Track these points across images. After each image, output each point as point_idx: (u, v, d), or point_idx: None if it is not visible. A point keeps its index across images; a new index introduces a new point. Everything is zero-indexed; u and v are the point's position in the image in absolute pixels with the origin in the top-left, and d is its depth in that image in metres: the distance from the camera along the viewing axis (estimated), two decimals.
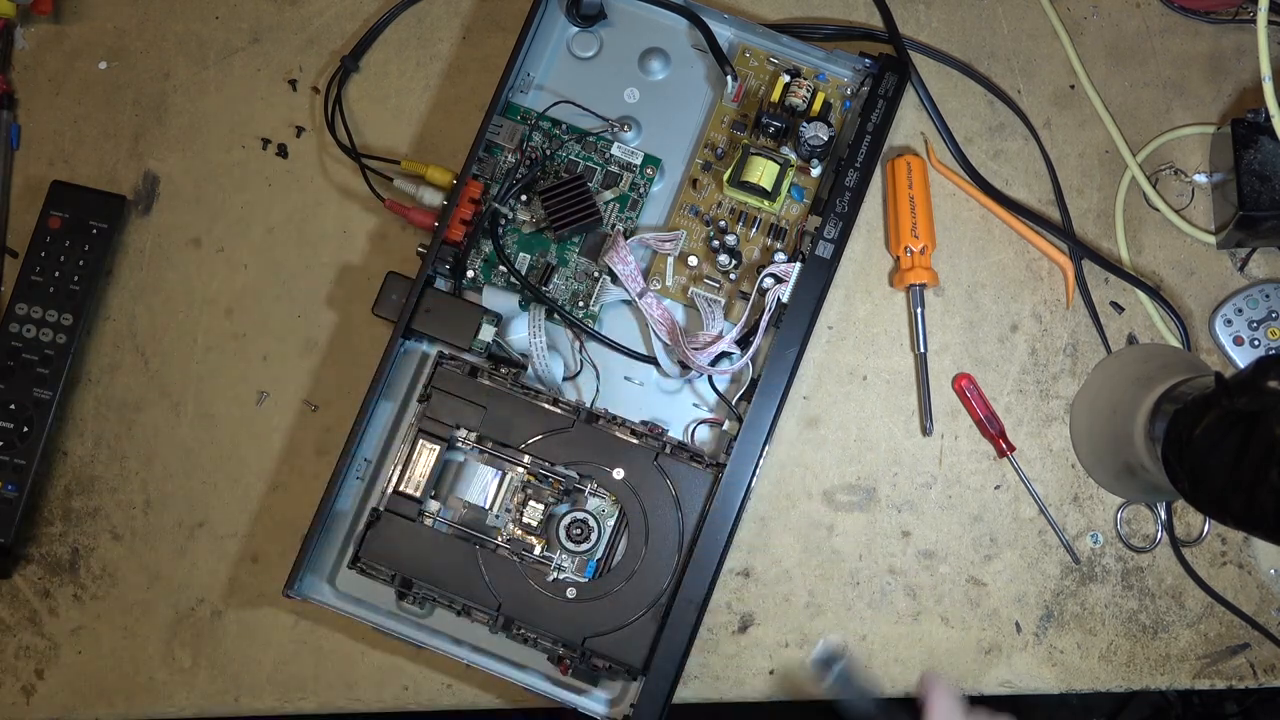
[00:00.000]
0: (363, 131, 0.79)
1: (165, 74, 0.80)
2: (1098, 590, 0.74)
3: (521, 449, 0.71)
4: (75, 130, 0.80)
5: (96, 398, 0.77)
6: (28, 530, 0.75)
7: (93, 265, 0.76)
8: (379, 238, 0.78)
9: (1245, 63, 0.79)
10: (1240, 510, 0.56)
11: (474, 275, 0.75)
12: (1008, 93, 0.79)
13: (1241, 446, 0.56)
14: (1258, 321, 0.75)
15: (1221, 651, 0.73)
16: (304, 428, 0.76)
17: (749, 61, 0.77)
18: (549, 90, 0.78)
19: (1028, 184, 0.78)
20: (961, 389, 0.75)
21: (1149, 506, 0.74)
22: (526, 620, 0.69)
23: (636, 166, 0.76)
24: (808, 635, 0.73)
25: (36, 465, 0.74)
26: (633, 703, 0.68)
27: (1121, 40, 0.79)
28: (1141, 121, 0.79)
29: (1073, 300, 0.76)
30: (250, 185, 0.79)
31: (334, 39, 0.80)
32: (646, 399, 0.75)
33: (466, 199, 0.73)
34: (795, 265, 0.72)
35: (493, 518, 0.71)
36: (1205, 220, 0.78)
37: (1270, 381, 0.55)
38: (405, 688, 0.73)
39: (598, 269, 0.75)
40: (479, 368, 0.72)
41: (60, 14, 0.81)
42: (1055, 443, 0.75)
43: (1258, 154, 0.72)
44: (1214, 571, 0.74)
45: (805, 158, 0.74)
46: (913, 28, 0.80)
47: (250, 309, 0.77)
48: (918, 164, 0.76)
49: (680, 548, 0.70)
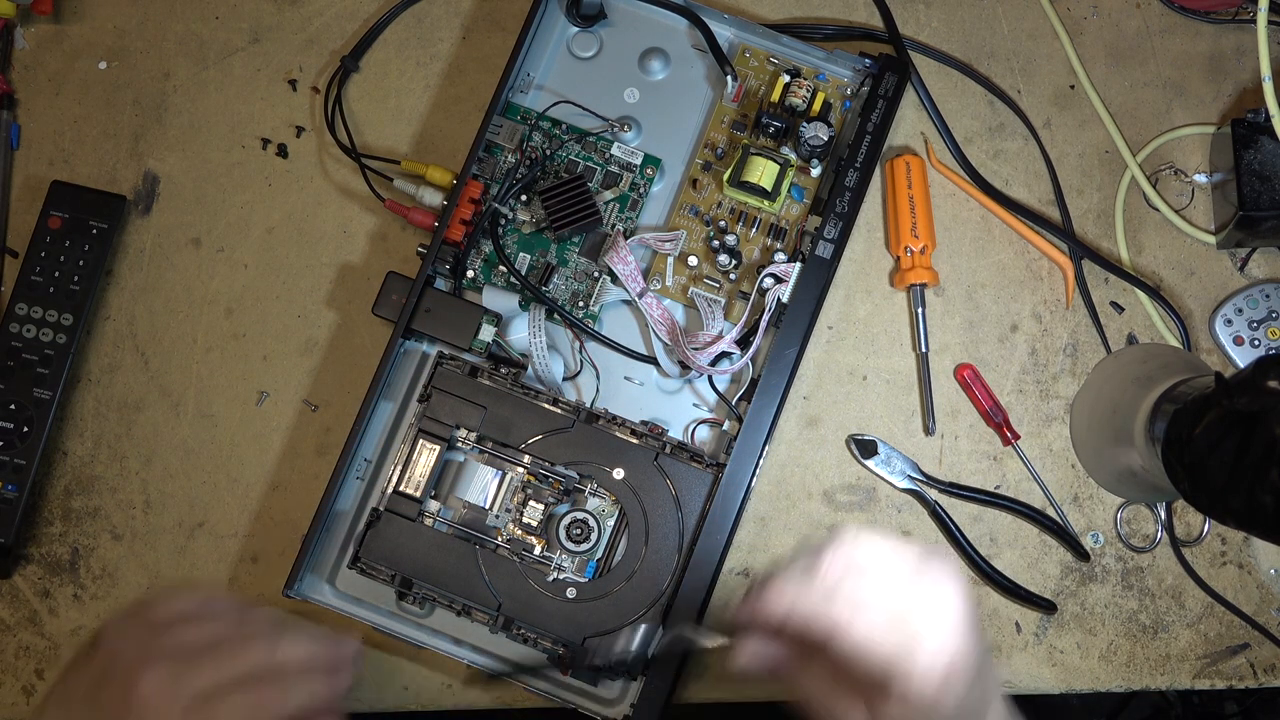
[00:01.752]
0: (363, 131, 0.79)
1: (165, 74, 0.80)
2: (1098, 590, 0.74)
3: (521, 449, 0.71)
4: (75, 130, 0.80)
5: (96, 398, 0.77)
6: (28, 530, 0.75)
7: (93, 265, 0.76)
8: (379, 238, 0.78)
9: (1245, 63, 0.79)
10: (1240, 510, 0.56)
11: (474, 275, 0.75)
12: (1008, 93, 0.79)
13: (1241, 446, 0.56)
14: (1258, 321, 0.75)
15: (1221, 651, 0.73)
16: (304, 428, 0.76)
17: (749, 61, 0.77)
18: (549, 90, 0.78)
19: (1028, 184, 0.78)
20: (964, 379, 0.75)
21: (1149, 506, 0.74)
22: (526, 620, 0.69)
23: (636, 166, 0.76)
24: None
25: (36, 465, 0.74)
26: (633, 703, 0.68)
27: (1121, 40, 0.79)
28: (1141, 121, 0.79)
29: (1073, 300, 0.76)
30: (250, 185, 0.79)
31: (334, 39, 0.80)
32: (646, 399, 0.75)
33: (466, 199, 0.73)
34: (795, 265, 0.72)
35: (493, 518, 0.71)
36: (1205, 220, 0.78)
37: (1270, 381, 0.55)
38: (405, 688, 0.73)
39: (598, 269, 0.75)
40: (479, 368, 0.72)
41: (60, 14, 0.81)
42: (1055, 443, 0.75)
43: (1258, 154, 0.72)
44: (1214, 571, 0.74)
45: (805, 158, 0.74)
46: (913, 28, 0.80)
47: (250, 309, 0.77)
48: (917, 164, 0.76)
49: (680, 548, 0.70)
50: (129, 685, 0.52)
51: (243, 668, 0.54)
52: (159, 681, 0.52)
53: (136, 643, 0.55)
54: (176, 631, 0.55)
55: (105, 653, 0.55)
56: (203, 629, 0.55)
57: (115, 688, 0.53)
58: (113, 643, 0.55)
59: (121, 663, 0.54)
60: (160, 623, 0.56)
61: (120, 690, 0.53)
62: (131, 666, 0.53)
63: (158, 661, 0.53)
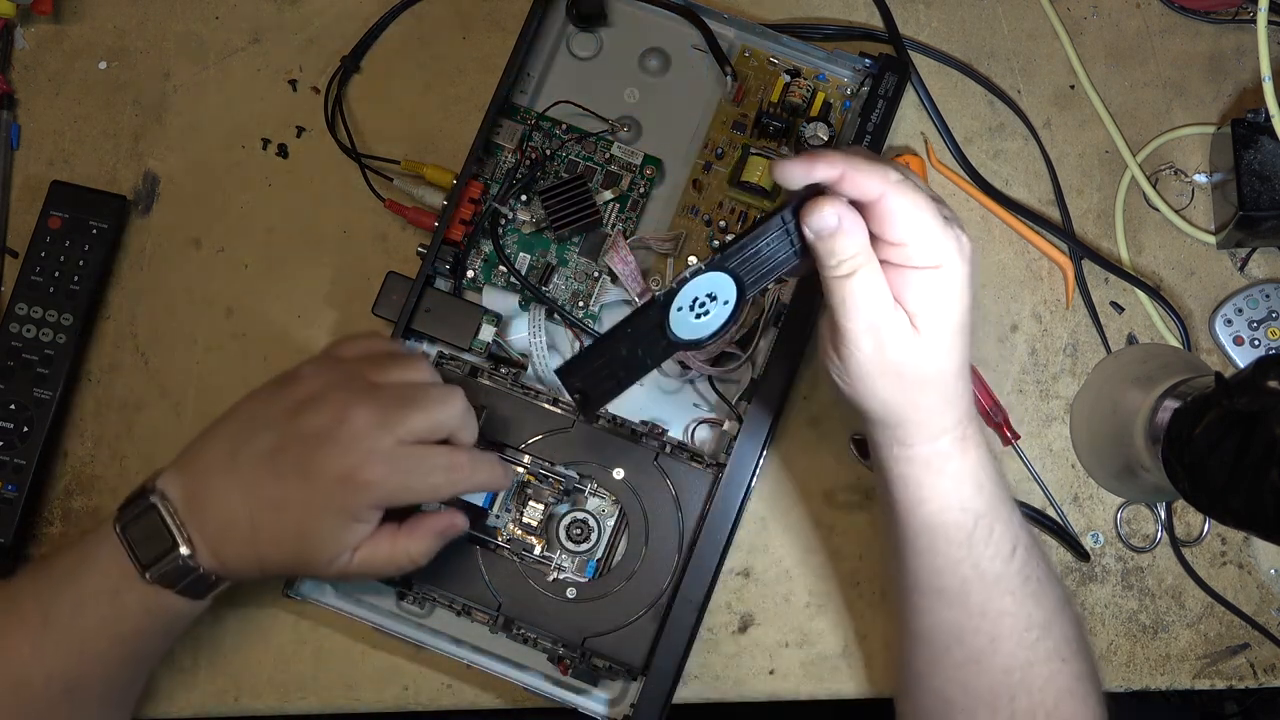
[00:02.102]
0: (363, 131, 0.79)
1: (165, 74, 0.80)
2: (1098, 590, 0.74)
3: (521, 449, 0.71)
4: (75, 130, 0.80)
5: (96, 398, 0.77)
6: (28, 530, 0.75)
7: (93, 265, 0.76)
8: (379, 238, 0.78)
9: (1245, 63, 0.79)
10: (1240, 510, 0.56)
11: (474, 275, 0.75)
12: (1008, 93, 0.79)
13: (1241, 446, 0.56)
14: (1258, 321, 0.75)
15: (1221, 651, 0.73)
16: None
17: (749, 61, 0.77)
18: (549, 90, 0.78)
19: (1028, 184, 0.78)
20: None
21: (1149, 506, 0.74)
22: (526, 620, 0.69)
23: (636, 167, 0.76)
24: (807, 635, 0.73)
25: (36, 465, 0.74)
26: (633, 703, 0.68)
27: (1121, 40, 0.79)
28: (1141, 121, 0.79)
29: (1073, 300, 0.76)
30: (250, 185, 0.79)
31: (334, 39, 0.80)
32: (646, 399, 0.75)
33: (466, 199, 0.73)
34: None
35: (493, 518, 0.71)
36: (1205, 220, 0.78)
37: (1270, 381, 0.55)
38: (405, 688, 0.73)
39: (598, 269, 0.75)
40: (479, 368, 0.72)
41: (60, 14, 0.81)
42: (1055, 443, 0.75)
43: (1258, 154, 0.72)
44: (1214, 571, 0.74)
45: None
46: (913, 28, 0.80)
47: (250, 309, 0.77)
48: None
49: (680, 548, 0.70)
50: (340, 416, 0.58)
51: (437, 416, 0.60)
52: (369, 416, 0.58)
53: (343, 379, 0.60)
54: (375, 374, 0.61)
55: (308, 384, 0.60)
56: (402, 375, 0.61)
57: (324, 415, 0.59)
58: (314, 377, 0.61)
59: (332, 396, 0.59)
60: (354, 361, 0.62)
61: (331, 418, 0.58)
62: (344, 400, 0.59)
63: (368, 399, 0.59)
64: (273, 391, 0.62)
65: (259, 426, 0.60)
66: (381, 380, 0.61)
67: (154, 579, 0.60)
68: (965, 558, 0.58)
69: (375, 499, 0.59)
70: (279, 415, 0.60)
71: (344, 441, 0.58)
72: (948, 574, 0.59)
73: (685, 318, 0.57)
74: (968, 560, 0.58)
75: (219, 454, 0.61)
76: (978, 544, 0.58)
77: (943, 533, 0.58)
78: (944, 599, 0.59)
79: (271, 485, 0.59)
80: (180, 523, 0.60)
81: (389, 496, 0.59)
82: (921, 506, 0.59)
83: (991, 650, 0.59)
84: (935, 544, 0.59)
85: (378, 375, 0.61)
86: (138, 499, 0.61)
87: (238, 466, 0.60)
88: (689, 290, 0.56)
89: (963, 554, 0.58)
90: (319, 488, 0.58)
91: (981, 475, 0.58)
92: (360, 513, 0.59)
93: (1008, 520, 0.59)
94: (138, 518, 0.60)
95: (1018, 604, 0.59)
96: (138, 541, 0.60)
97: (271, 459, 0.59)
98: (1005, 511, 0.59)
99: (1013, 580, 0.59)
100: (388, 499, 0.59)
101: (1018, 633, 0.59)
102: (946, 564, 0.59)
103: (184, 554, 0.60)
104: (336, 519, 0.59)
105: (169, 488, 0.61)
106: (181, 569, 0.60)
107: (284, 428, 0.59)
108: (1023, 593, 0.59)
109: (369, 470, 0.58)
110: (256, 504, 0.59)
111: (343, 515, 0.59)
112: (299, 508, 0.59)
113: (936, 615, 0.60)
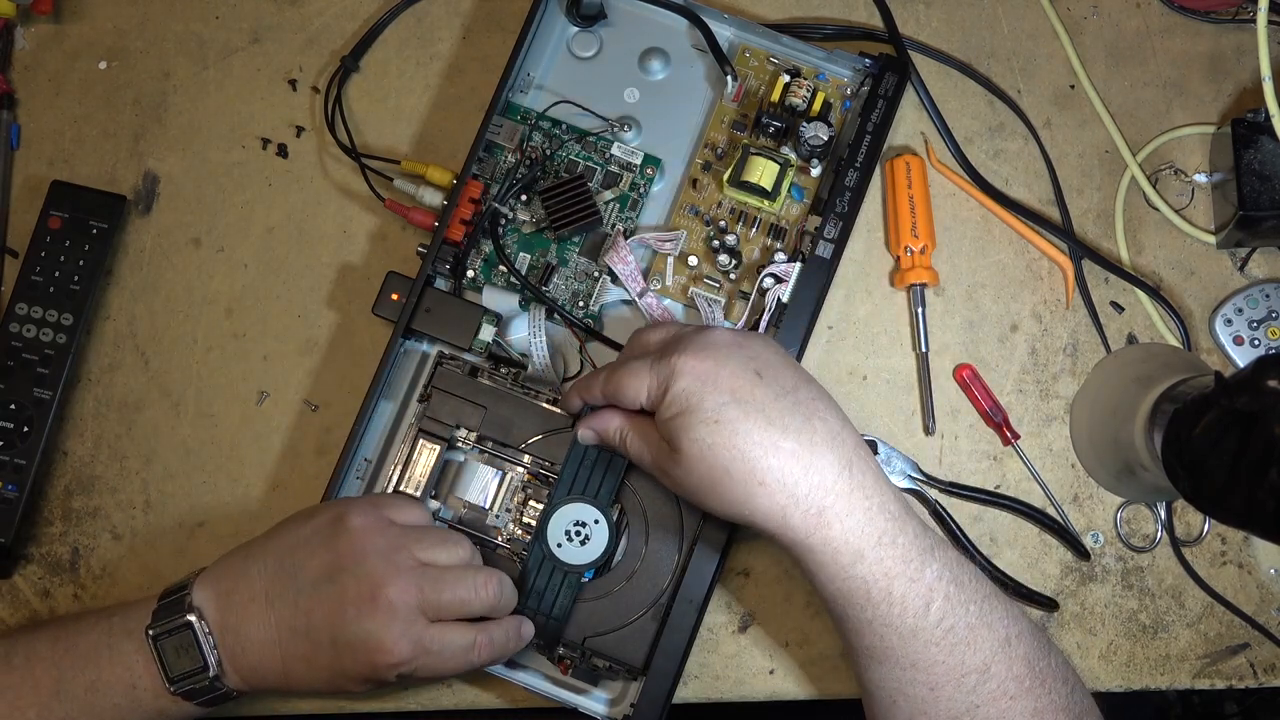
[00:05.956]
0: (363, 131, 0.79)
1: (165, 74, 0.80)
2: (1098, 590, 0.74)
3: (521, 449, 0.71)
4: (75, 130, 0.80)
5: (96, 398, 0.77)
6: (28, 530, 0.75)
7: (93, 265, 0.76)
8: (379, 238, 0.78)
9: (1245, 63, 0.79)
10: (1240, 510, 0.56)
11: (474, 275, 0.75)
12: (1008, 93, 0.79)
13: (1241, 446, 0.56)
14: (1258, 321, 0.75)
15: (1221, 651, 0.73)
16: (304, 428, 0.76)
17: (749, 61, 0.77)
18: (549, 90, 0.78)
19: (1028, 184, 0.78)
20: (964, 379, 0.75)
21: (1149, 506, 0.74)
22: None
23: (636, 166, 0.76)
24: (808, 635, 0.73)
25: (36, 465, 0.74)
26: (633, 703, 0.68)
27: (1121, 40, 0.79)
28: (1141, 121, 0.79)
29: (1073, 300, 0.76)
30: (250, 185, 0.79)
31: (334, 39, 0.80)
32: None
33: (466, 199, 0.73)
34: (795, 265, 0.72)
35: (493, 518, 0.71)
36: (1205, 220, 0.78)
37: (1270, 381, 0.55)
38: (405, 688, 0.73)
39: (598, 269, 0.75)
40: (479, 368, 0.72)
41: (60, 14, 0.81)
42: (1055, 443, 0.75)
43: (1258, 154, 0.72)
44: (1214, 571, 0.74)
45: (805, 158, 0.74)
46: (913, 28, 0.80)
47: (250, 309, 0.77)
48: (917, 164, 0.76)
49: (680, 548, 0.70)
50: (377, 588, 0.61)
51: (470, 600, 0.63)
52: (406, 596, 0.61)
53: (388, 548, 0.62)
54: (420, 550, 0.63)
55: (354, 542, 0.62)
56: (447, 557, 0.64)
57: (363, 584, 0.61)
58: (361, 535, 0.62)
59: (374, 564, 0.61)
60: (402, 530, 0.64)
61: (369, 588, 0.61)
62: (384, 574, 0.61)
63: (408, 577, 0.61)
64: (319, 531, 0.63)
65: (298, 570, 0.62)
66: (425, 558, 0.63)
67: (178, 692, 0.62)
68: (874, 618, 0.59)
69: (398, 673, 0.62)
70: (318, 570, 0.62)
71: (377, 617, 0.60)
72: (866, 634, 0.59)
73: (572, 549, 0.68)
74: (877, 620, 0.59)
75: (257, 588, 0.63)
76: (880, 605, 0.58)
77: (843, 599, 0.59)
78: (873, 656, 0.60)
79: (303, 642, 0.62)
80: (214, 645, 0.62)
81: (410, 672, 0.62)
82: (815, 579, 0.60)
83: (933, 699, 0.59)
84: (844, 610, 0.60)
85: (422, 552, 0.63)
86: (173, 608, 0.63)
87: (274, 608, 0.62)
88: (550, 533, 0.68)
89: (869, 615, 0.59)
90: (345, 656, 0.61)
91: (861, 542, 0.58)
92: (383, 679, 0.62)
93: (914, 577, 0.58)
94: (172, 632, 0.62)
95: (946, 653, 0.58)
96: (168, 654, 0.62)
97: (307, 615, 0.61)
98: (908, 569, 0.58)
99: (932, 633, 0.58)
100: (409, 674, 0.62)
101: (954, 679, 0.58)
102: (860, 625, 0.59)
103: (213, 676, 0.62)
104: (360, 684, 0.63)
105: (206, 606, 0.63)
106: (207, 688, 0.63)
107: (322, 586, 0.62)
108: (947, 642, 0.58)
109: (396, 650, 0.60)
110: (288, 653, 0.62)
111: (367, 682, 0.63)
112: (326, 670, 0.62)
113: (872, 671, 0.60)
